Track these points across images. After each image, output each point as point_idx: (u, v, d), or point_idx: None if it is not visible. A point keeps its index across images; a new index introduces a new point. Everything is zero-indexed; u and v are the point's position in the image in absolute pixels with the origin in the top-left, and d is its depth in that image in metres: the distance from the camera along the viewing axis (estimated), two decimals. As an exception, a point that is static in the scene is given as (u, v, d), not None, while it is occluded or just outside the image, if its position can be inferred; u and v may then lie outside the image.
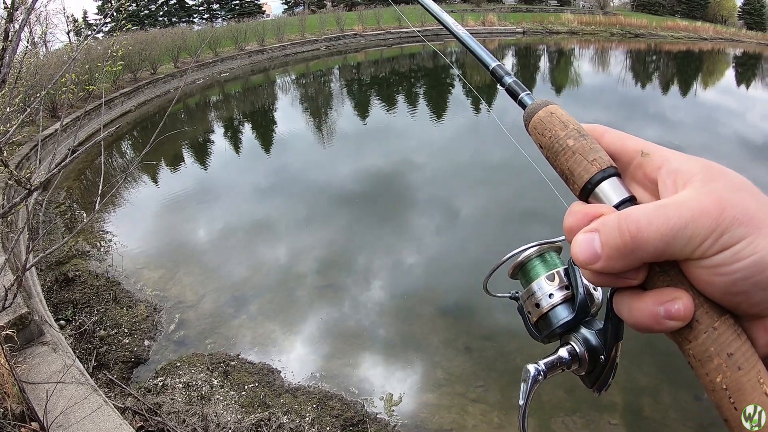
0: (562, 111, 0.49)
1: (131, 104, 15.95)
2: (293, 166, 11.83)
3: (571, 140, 0.46)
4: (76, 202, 9.30)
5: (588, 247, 0.40)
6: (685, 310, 0.38)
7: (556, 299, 0.52)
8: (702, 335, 0.38)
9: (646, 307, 0.39)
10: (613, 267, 0.40)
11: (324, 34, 34.50)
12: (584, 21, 44.02)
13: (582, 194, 0.45)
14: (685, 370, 0.40)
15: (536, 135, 0.49)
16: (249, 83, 24.84)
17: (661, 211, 0.37)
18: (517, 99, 0.54)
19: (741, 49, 40.89)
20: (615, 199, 0.43)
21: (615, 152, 0.46)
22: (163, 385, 4.39)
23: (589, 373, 0.50)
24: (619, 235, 0.38)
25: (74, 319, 5.14)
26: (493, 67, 0.57)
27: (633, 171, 0.46)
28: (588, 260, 0.40)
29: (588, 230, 0.41)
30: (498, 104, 17.72)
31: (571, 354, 0.50)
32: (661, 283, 0.40)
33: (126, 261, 6.91)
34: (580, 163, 0.45)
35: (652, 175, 0.44)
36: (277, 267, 7.02)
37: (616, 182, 0.44)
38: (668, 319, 0.38)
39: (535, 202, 8.96)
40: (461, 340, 5.45)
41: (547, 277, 0.54)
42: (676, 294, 0.38)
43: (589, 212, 0.42)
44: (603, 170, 0.44)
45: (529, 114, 0.50)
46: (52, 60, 10.58)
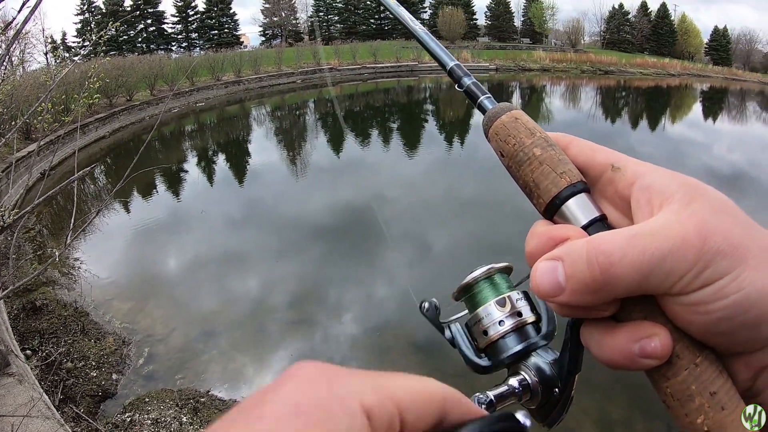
0: (527, 117, 0.45)
1: (106, 130, 15.79)
2: (266, 198, 11.81)
3: (538, 149, 0.42)
4: (46, 227, 9.11)
5: (550, 278, 0.36)
6: (663, 347, 0.34)
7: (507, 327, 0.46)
8: (683, 372, 0.34)
9: (618, 344, 0.35)
10: (579, 302, 0.35)
11: (300, 67, 34.85)
12: (556, 58, 45.38)
13: (547, 211, 0.41)
14: (657, 401, 0.36)
15: (497, 142, 0.45)
16: (224, 113, 24.83)
17: (637, 242, 0.33)
18: (477, 102, 0.48)
19: (708, 83, 42.51)
20: (583, 219, 0.39)
21: (582, 165, 0.42)
22: (131, 421, 4.26)
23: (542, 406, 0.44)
24: (587, 268, 0.34)
25: (41, 349, 4.98)
26: (451, 67, 0.51)
27: (602, 187, 0.41)
28: (550, 292, 0.36)
29: (550, 257, 0.37)
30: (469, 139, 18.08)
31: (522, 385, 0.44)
32: (636, 315, 0.35)
33: (95, 291, 6.75)
34: (548, 175, 0.41)
35: (624, 192, 0.39)
36: (249, 300, 6.93)
37: (585, 199, 0.40)
38: (644, 357, 0.34)
39: (506, 235, 9.09)
40: (433, 377, 5.41)
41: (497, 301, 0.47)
42: (653, 330, 0.34)
43: (553, 235, 0.38)
44: (573, 185, 0.40)
45: (490, 118, 0.45)
46: (28, 81, 10.45)
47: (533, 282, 0.37)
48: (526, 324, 0.46)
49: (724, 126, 24.77)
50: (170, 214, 10.62)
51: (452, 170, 14.04)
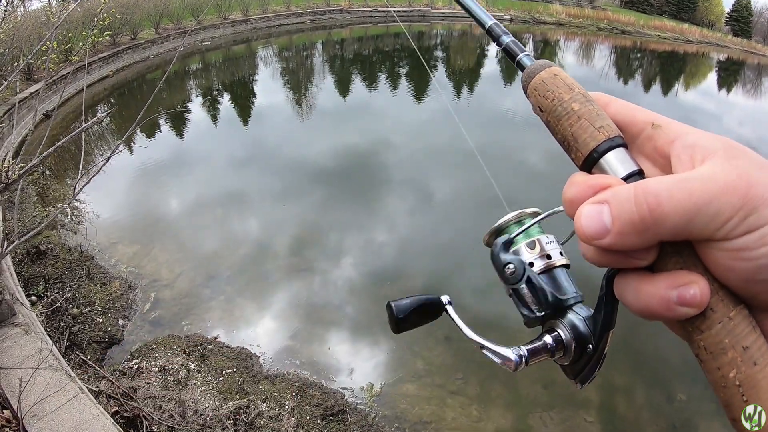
0: (565, 74, 0.45)
1: (109, 69, 15.36)
2: (271, 140, 11.70)
3: (577, 104, 0.42)
4: (49, 168, 8.97)
5: (596, 220, 0.36)
6: (701, 295, 0.34)
7: (537, 268, 0.48)
8: (716, 325, 0.34)
9: (656, 291, 0.36)
10: (624, 244, 0.36)
11: (310, 7, 33.83)
12: (572, 13, 44.12)
13: (585, 164, 0.42)
14: (659, 370, 0.35)
15: (536, 97, 0.45)
16: (231, 53, 24.28)
17: (684, 185, 0.34)
18: (515, 60, 0.49)
19: (725, 54, 41.62)
20: (622, 172, 0.39)
21: (622, 123, 0.43)
22: (139, 368, 4.27)
23: (574, 363, 0.46)
24: (635, 207, 0.34)
25: (46, 295, 4.94)
26: (490, 26, 0.52)
27: (641, 144, 0.42)
28: (595, 234, 0.36)
29: (596, 201, 0.37)
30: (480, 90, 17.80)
31: (557, 341, 0.46)
32: (673, 265, 0.36)
33: (100, 234, 6.68)
34: (586, 129, 0.41)
35: (664, 149, 0.40)
36: (256, 247, 6.90)
37: (623, 153, 0.40)
38: (681, 305, 0.35)
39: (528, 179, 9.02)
40: (441, 330, 5.44)
41: (527, 244, 0.49)
42: (691, 278, 0.35)
43: (594, 183, 0.39)
44: (611, 139, 0.40)
45: (529, 74, 0.46)
46: (29, 21, 10.10)
47: (577, 225, 0.37)
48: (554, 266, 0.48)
49: (738, 99, 24.38)
50: (174, 156, 10.47)
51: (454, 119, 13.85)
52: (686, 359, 5.15)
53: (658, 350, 5.07)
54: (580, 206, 0.38)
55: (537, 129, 2.97)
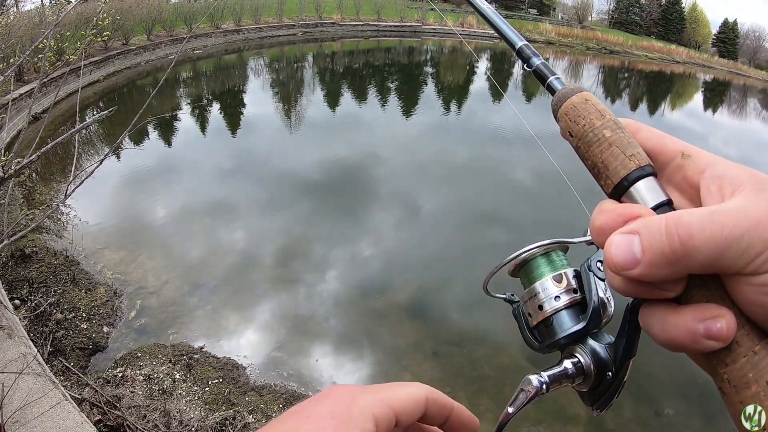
0: (596, 99, 0.45)
1: (100, 74, 15.29)
2: (259, 151, 11.70)
3: (608, 131, 0.42)
4: (36, 171, 8.85)
5: (627, 249, 0.36)
6: (728, 329, 0.34)
7: (563, 302, 0.47)
8: (741, 359, 0.34)
9: (683, 323, 0.35)
10: (654, 275, 0.35)
11: (302, 19, 34.00)
12: (562, 32, 44.85)
13: (614, 192, 0.41)
14: (647, 385, 0.35)
15: (567, 122, 0.45)
16: (222, 63, 24.31)
17: (716, 218, 0.33)
18: (546, 83, 0.49)
19: (712, 75, 42.52)
20: (652, 201, 0.39)
21: (652, 150, 0.43)
22: (123, 377, 4.18)
23: (593, 390, 0.45)
24: (666, 239, 0.34)
25: (30, 299, 4.84)
26: (520, 47, 0.52)
27: (671, 173, 0.42)
28: (625, 265, 0.36)
29: (627, 231, 0.36)
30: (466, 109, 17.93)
31: (577, 367, 0.45)
32: (699, 297, 0.36)
33: (86, 239, 6.59)
34: (617, 156, 0.41)
35: (693, 179, 0.40)
36: (243, 257, 6.84)
37: (653, 182, 0.40)
38: (708, 338, 0.34)
39: (509, 203, 9.07)
40: (429, 345, 5.43)
41: (554, 277, 0.48)
42: (719, 311, 0.34)
43: (624, 212, 0.38)
44: (641, 167, 0.40)
45: (560, 99, 0.46)
46: (22, 21, 10.02)
47: (608, 254, 0.37)
48: (580, 301, 0.47)
49: (723, 119, 24.88)
50: (162, 163, 10.39)
51: (449, 135, 13.93)
52: (673, 375, 5.19)
53: (646, 365, 5.08)
54: (610, 235, 0.37)
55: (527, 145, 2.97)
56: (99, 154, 10.37)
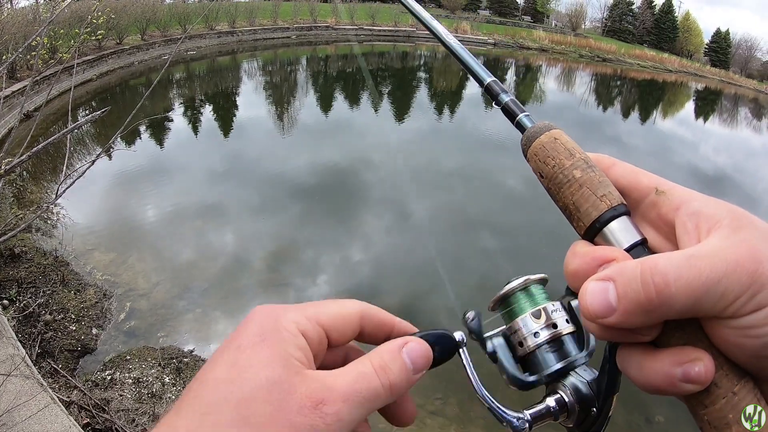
0: (566, 137, 0.44)
1: (93, 73, 15.21)
2: (250, 153, 11.64)
3: (578, 171, 0.41)
4: (26, 170, 8.78)
5: (602, 298, 0.35)
6: (706, 372, 0.34)
7: (542, 338, 0.46)
8: (720, 400, 0.34)
9: (660, 367, 0.35)
10: (629, 323, 0.35)
11: (296, 22, 34.03)
12: (555, 40, 45.14)
13: (587, 233, 0.41)
14: (637, 392, 0.37)
15: (536, 162, 0.44)
16: (215, 64, 24.26)
17: (693, 262, 0.33)
18: (515, 120, 0.48)
19: (703, 84, 42.88)
20: (626, 242, 0.39)
21: (625, 187, 0.42)
22: (112, 380, 4.14)
23: (578, 425, 0.44)
24: (642, 288, 0.33)
25: (18, 299, 4.79)
26: (489, 83, 0.50)
27: (645, 210, 0.41)
28: (600, 313, 0.35)
29: (601, 278, 0.36)
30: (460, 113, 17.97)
31: (560, 404, 0.44)
32: (677, 340, 0.35)
33: (76, 240, 6.53)
34: (588, 198, 0.40)
35: (668, 217, 0.39)
36: (233, 260, 6.81)
37: (627, 222, 0.40)
38: (686, 382, 0.34)
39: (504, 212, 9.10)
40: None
41: (532, 313, 0.47)
42: (696, 354, 0.34)
43: (597, 256, 0.38)
44: (613, 207, 0.40)
45: (529, 138, 0.45)
46: (16, 18, 9.94)
47: (582, 303, 0.36)
48: (561, 336, 0.46)
49: (714, 127, 25.13)
50: (153, 164, 10.32)
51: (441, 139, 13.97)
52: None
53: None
54: (584, 282, 0.37)
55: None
56: (90, 153, 10.30)
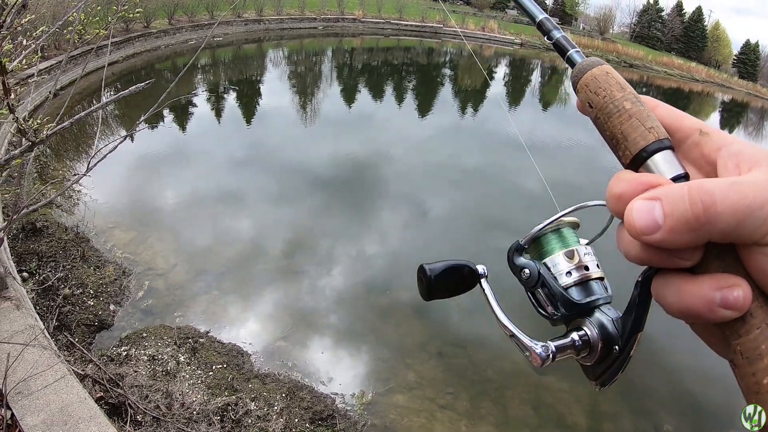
0: (617, 73, 0.45)
1: (120, 55, 15.34)
2: (272, 142, 11.71)
3: (629, 103, 0.43)
4: (50, 147, 8.87)
5: (648, 215, 0.36)
6: (745, 299, 0.34)
7: (574, 278, 0.48)
8: (755, 330, 0.34)
9: (700, 291, 0.35)
10: (674, 241, 0.35)
11: (323, 14, 34.04)
12: (583, 43, 44.62)
13: (632, 163, 0.42)
14: (647, 400, 0.31)
15: (587, 93, 0.45)
16: (241, 52, 24.36)
17: (737, 188, 0.34)
18: (566, 55, 0.50)
19: (730, 95, 42.10)
20: (669, 174, 0.40)
21: (670, 126, 0.43)
22: (127, 356, 4.16)
23: (598, 364, 0.46)
24: (689, 206, 0.34)
25: (38, 272, 4.82)
26: (541, 20, 0.53)
27: (688, 149, 0.43)
28: (646, 230, 0.36)
29: (648, 197, 0.37)
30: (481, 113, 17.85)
31: (583, 339, 0.46)
32: (715, 268, 0.36)
33: (97, 217, 6.58)
34: (637, 128, 0.41)
35: (711, 156, 0.40)
36: (253, 245, 6.83)
37: (671, 156, 0.41)
38: (724, 307, 0.34)
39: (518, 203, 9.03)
40: (434, 344, 5.40)
41: (565, 253, 0.49)
42: (735, 281, 0.35)
43: (644, 180, 0.38)
44: (660, 140, 0.41)
45: (581, 70, 0.46)
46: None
47: (628, 219, 0.37)
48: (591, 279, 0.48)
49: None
50: (175, 148, 10.43)
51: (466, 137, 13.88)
52: (674, 391, 5.15)
53: (648, 380, 5.04)
54: (630, 201, 0.37)
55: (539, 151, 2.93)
56: (114, 134, 10.40)
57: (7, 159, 2.04)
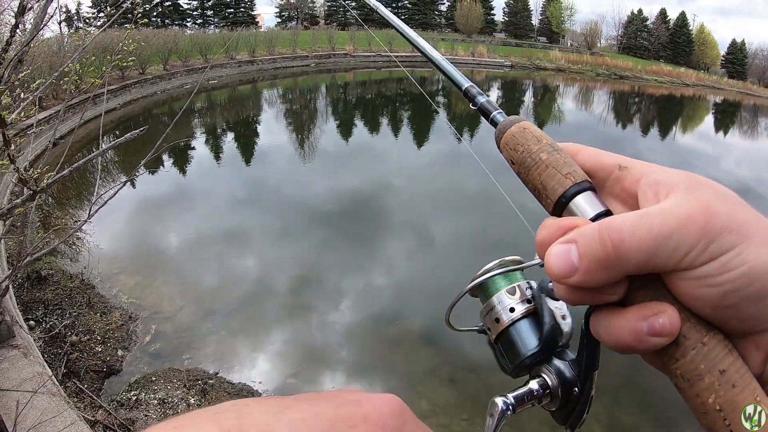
0: (535, 127, 0.47)
1: (117, 102, 15.59)
2: (273, 180, 11.76)
3: (545, 154, 0.44)
4: (51, 195, 8.95)
5: (564, 259, 0.37)
6: (671, 324, 0.34)
7: (518, 313, 0.49)
8: (690, 352, 0.34)
9: (627, 324, 0.36)
10: (592, 280, 0.36)
11: (315, 51, 34.63)
12: (571, 59, 45.20)
13: (555, 209, 0.43)
14: (665, 410, 0.31)
15: (508, 151, 0.47)
16: (236, 93, 24.70)
17: (645, 220, 0.34)
18: (489, 118, 0.52)
19: (721, 96, 42.42)
20: (590, 213, 0.40)
21: (590, 169, 0.44)
22: (137, 400, 4.12)
23: (561, 408, 0.46)
24: (599, 244, 0.35)
25: (44, 320, 4.83)
26: (466, 88, 0.56)
27: (610, 186, 0.43)
28: (564, 273, 0.37)
29: (564, 241, 0.38)
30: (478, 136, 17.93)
31: (543, 387, 0.46)
32: (642, 298, 0.36)
33: (102, 264, 6.60)
34: (554, 176, 0.43)
35: (632, 189, 0.41)
36: (259, 283, 6.81)
37: (591, 196, 0.41)
38: (652, 335, 0.35)
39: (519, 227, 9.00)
40: (445, 371, 5.34)
41: (507, 290, 0.51)
42: (660, 308, 0.35)
43: (563, 225, 0.39)
44: (578, 183, 0.42)
45: (501, 130, 0.48)
46: (41, 49, 10.28)
47: (547, 264, 0.38)
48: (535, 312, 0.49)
49: (735, 140, 24.75)
50: (176, 191, 10.51)
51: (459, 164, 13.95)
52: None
53: (665, 389, 4.94)
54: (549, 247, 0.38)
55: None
56: (114, 180, 10.48)
57: (10, 208, 2.06)
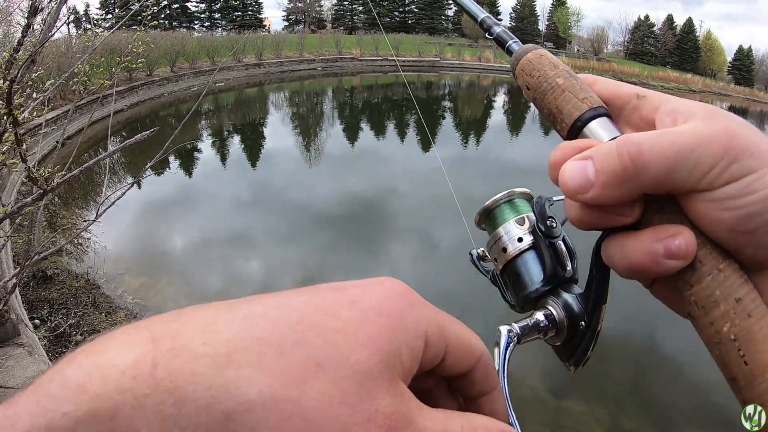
0: (551, 55, 0.47)
1: (124, 103, 15.69)
2: (278, 183, 11.79)
3: (561, 79, 0.44)
4: (58, 195, 9.00)
5: (580, 173, 0.36)
6: (687, 246, 0.33)
7: (525, 243, 0.48)
8: (706, 278, 0.33)
9: (642, 245, 0.35)
10: (608, 197, 0.35)
11: (322, 54, 34.76)
12: (578, 65, 45.19)
13: (570, 134, 0.42)
14: (669, 416, 0.30)
15: (523, 77, 0.47)
16: (243, 96, 24.81)
17: (666, 136, 0.34)
18: (506, 47, 0.51)
19: (728, 103, 42.35)
20: (606, 138, 0.40)
21: (608, 98, 0.43)
22: (140, 400, 4.14)
23: (567, 343, 0.45)
24: (617, 158, 0.34)
25: (49, 319, 4.86)
26: (482, 18, 0.55)
27: (627, 115, 0.43)
28: (579, 188, 0.36)
29: (580, 158, 0.37)
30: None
31: (549, 319, 0.45)
32: (657, 220, 0.36)
33: (107, 264, 6.63)
34: (570, 100, 0.42)
35: (649, 117, 0.40)
36: (264, 285, 6.80)
37: (607, 122, 0.41)
38: (668, 257, 0.34)
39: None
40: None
41: (516, 220, 0.49)
42: (676, 230, 0.34)
43: (578, 145, 0.38)
44: (594, 108, 0.41)
45: (517, 57, 0.48)
46: (50, 50, 10.37)
47: (561, 180, 0.37)
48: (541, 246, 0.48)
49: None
50: (182, 192, 10.56)
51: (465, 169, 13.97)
52: (698, 405, 5.03)
53: (668, 395, 4.95)
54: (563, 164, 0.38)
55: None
56: (121, 181, 10.54)
57: (20, 207, 2.09)
